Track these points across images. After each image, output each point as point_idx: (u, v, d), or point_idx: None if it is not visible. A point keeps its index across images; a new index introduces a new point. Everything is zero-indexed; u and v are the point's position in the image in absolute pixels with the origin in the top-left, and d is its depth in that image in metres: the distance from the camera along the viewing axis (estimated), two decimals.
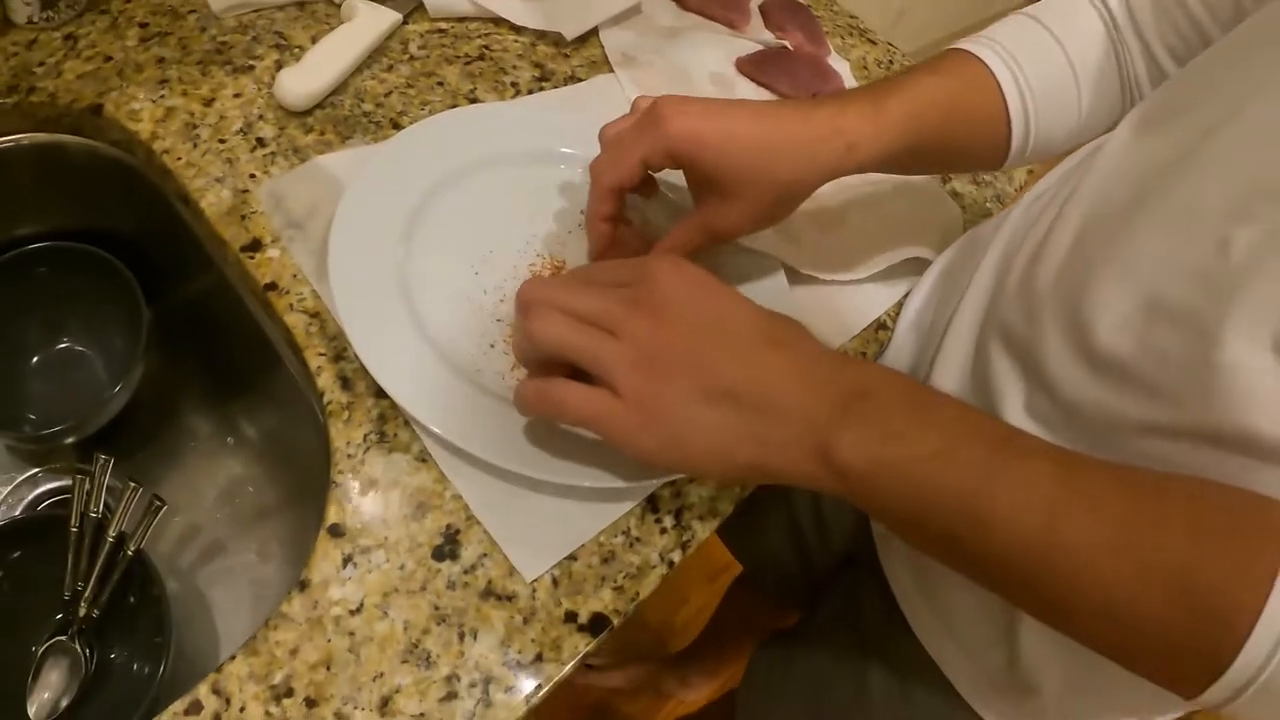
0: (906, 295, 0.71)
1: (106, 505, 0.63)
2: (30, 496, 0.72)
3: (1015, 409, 0.54)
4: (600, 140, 0.57)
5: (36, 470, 0.73)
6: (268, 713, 0.43)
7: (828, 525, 0.77)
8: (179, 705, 0.43)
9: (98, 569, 0.62)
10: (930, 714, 0.65)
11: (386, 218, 0.57)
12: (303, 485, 0.71)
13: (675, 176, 0.57)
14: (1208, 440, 0.43)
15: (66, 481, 0.72)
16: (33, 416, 0.71)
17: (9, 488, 0.72)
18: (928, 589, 0.63)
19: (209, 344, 0.73)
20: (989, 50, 0.60)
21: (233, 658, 0.44)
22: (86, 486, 0.62)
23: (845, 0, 1.00)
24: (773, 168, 0.53)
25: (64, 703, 0.62)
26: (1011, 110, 0.60)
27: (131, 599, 0.64)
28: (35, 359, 0.72)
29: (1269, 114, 0.43)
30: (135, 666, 0.64)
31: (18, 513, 0.71)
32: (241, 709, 0.43)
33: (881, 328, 0.69)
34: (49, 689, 0.63)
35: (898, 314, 0.70)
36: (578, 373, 0.46)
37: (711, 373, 0.44)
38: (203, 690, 0.43)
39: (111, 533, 0.61)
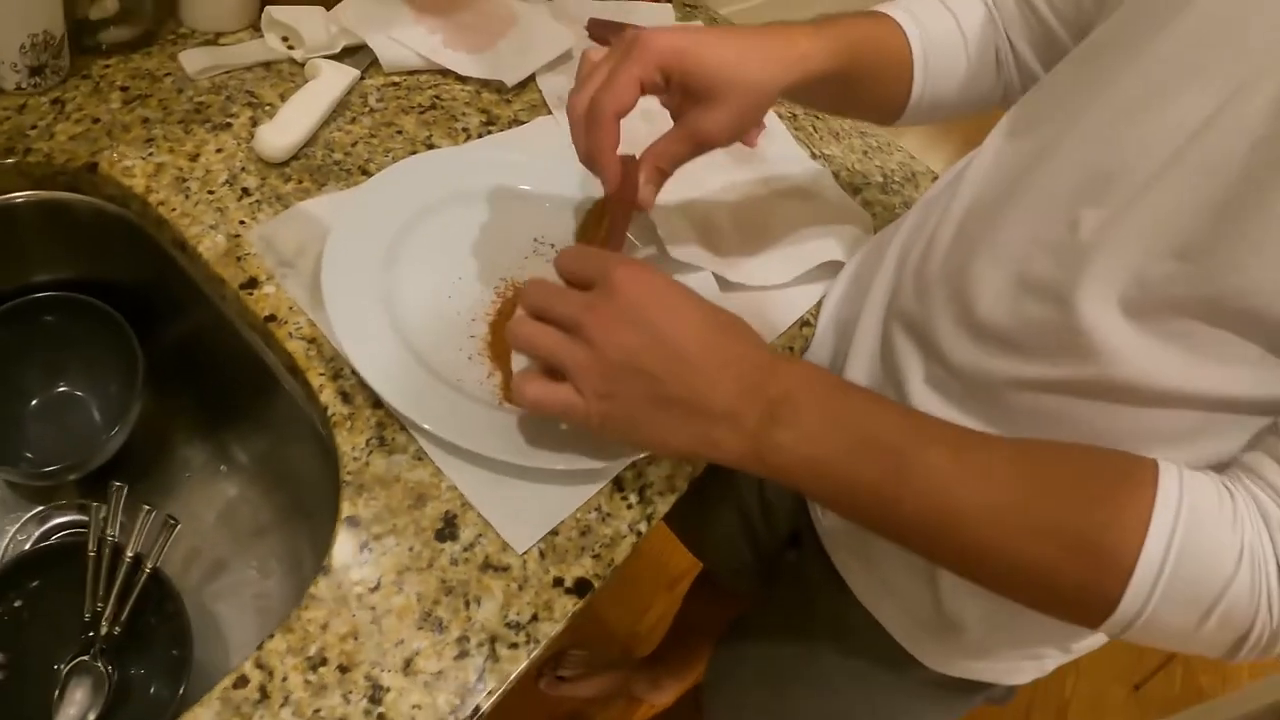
0: (824, 295, 0.81)
1: (120, 527, 0.69)
2: (38, 532, 0.77)
3: (916, 381, 0.63)
4: (582, 73, 0.60)
5: (41, 507, 0.77)
6: (307, 680, 0.50)
7: (772, 508, 0.86)
8: (227, 681, 0.49)
9: (116, 589, 0.67)
10: (874, 664, 0.74)
11: (369, 252, 0.65)
12: (295, 503, 0.77)
13: None
14: (1074, 390, 0.54)
15: (72, 516, 0.77)
16: (30, 456, 0.76)
17: (16, 525, 0.76)
18: (862, 555, 0.72)
19: (199, 379, 0.79)
20: (902, 12, 0.70)
21: (271, 636, 0.51)
22: (103, 513, 0.68)
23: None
24: (746, 69, 0.58)
25: (90, 718, 0.67)
26: (915, 60, 0.69)
27: (151, 616, 0.69)
28: (34, 401, 0.77)
29: (1104, 114, 0.53)
30: (156, 680, 0.69)
31: (28, 544, 0.76)
32: (284, 679, 0.50)
33: (805, 325, 0.79)
34: (74, 706, 0.67)
35: (818, 312, 0.80)
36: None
37: (659, 382, 0.49)
38: (247, 666, 0.50)
39: (129, 553, 0.67)
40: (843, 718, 0.79)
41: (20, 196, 0.68)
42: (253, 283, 0.64)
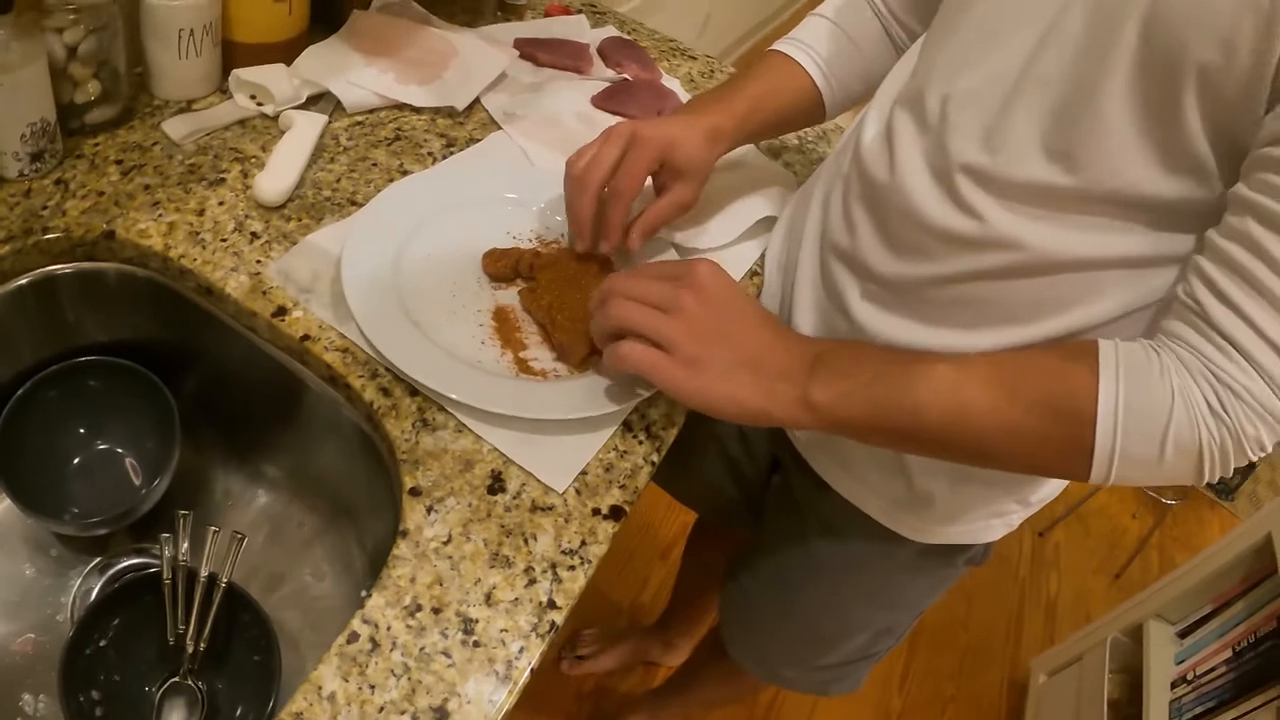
0: (766, 247, 0.92)
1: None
2: (102, 580, 0.83)
3: (854, 298, 0.73)
4: (576, 167, 0.76)
5: (99, 558, 0.84)
6: (408, 626, 0.59)
7: (750, 440, 0.97)
8: (341, 638, 0.58)
9: (196, 608, 0.73)
10: (864, 549, 0.85)
11: (379, 267, 0.74)
12: (336, 508, 0.85)
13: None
14: (987, 276, 0.65)
15: (131, 560, 0.84)
16: (75, 510, 0.81)
17: (80, 578, 0.83)
18: (839, 458, 0.83)
19: (228, 412, 0.86)
20: (792, 47, 0.86)
21: (369, 595, 0.60)
22: (172, 543, 0.75)
23: (659, 17, 1.22)
24: (701, 154, 0.79)
25: None
26: (819, 84, 0.85)
27: (231, 629, 0.75)
28: (76, 460, 0.83)
29: (953, 54, 0.65)
30: (245, 689, 0.74)
31: (95, 592, 0.82)
32: (389, 628, 0.59)
33: (755, 275, 0.90)
34: None
35: (763, 262, 0.91)
36: None
37: (737, 345, 0.64)
38: (355, 623, 0.59)
39: (203, 573, 0.74)
40: (846, 603, 0.91)
41: (58, 269, 0.76)
42: (281, 311, 0.72)
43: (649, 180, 0.80)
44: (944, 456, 0.66)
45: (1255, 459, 0.55)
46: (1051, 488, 0.80)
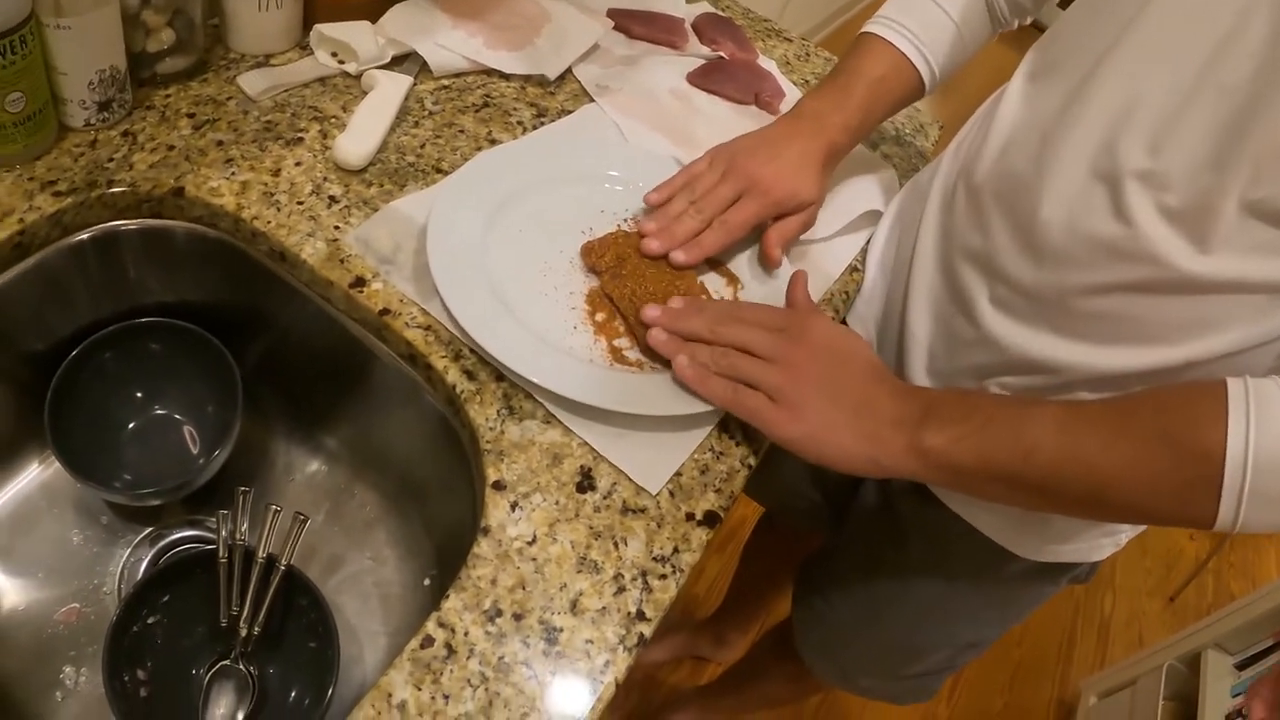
0: (868, 242, 0.87)
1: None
2: (153, 551, 0.79)
3: (983, 303, 0.69)
4: (676, 182, 0.77)
5: (151, 528, 0.80)
6: (487, 632, 0.54)
7: None
8: (414, 642, 0.53)
9: (252, 590, 0.70)
10: (971, 567, 0.81)
11: (466, 241, 0.69)
12: (401, 491, 0.81)
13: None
14: (1132, 289, 0.60)
15: (184, 533, 0.80)
16: (128, 477, 0.78)
17: (129, 548, 0.79)
18: None
19: (292, 385, 0.82)
20: (886, 28, 0.81)
21: (446, 596, 0.55)
22: (230, 520, 0.71)
23: None
24: (813, 189, 0.78)
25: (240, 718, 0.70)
26: (920, 69, 0.80)
27: (286, 613, 0.71)
28: (131, 424, 0.79)
29: (1128, 54, 0.59)
30: (299, 675, 0.71)
31: (144, 564, 0.79)
32: (465, 634, 0.54)
33: (855, 270, 0.84)
34: (221, 708, 0.70)
35: (864, 258, 0.86)
36: None
37: (842, 392, 0.63)
38: (430, 626, 0.54)
39: (261, 554, 0.70)
40: (941, 617, 0.86)
41: (122, 225, 0.72)
42: (360, 281, 0.68)
43: None
44: (1059, 506, 0.62)
45: None
46: None
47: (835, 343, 0.66)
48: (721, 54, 1.00)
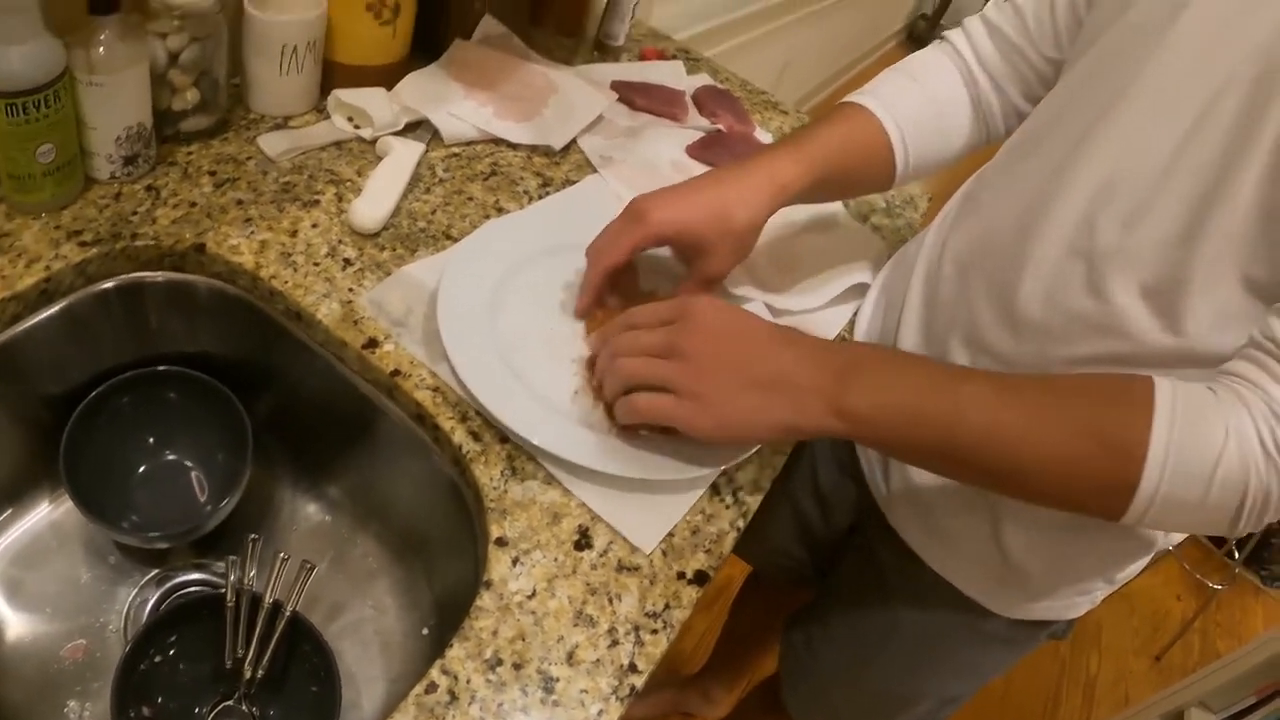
0: (856, 313, 0.91)
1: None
2: (158, 593, 0.82)
3: None
4: (607, 229, 0.75)
5: (157, 570, 0.82)
6: (488, 680, 0.57)
7: (829, 504, 0.95)
8: (419, 688, 0.56)
9: (257, 634, 0.72)
10: (951, 622, 0.83)
11: (475, 307, 0.73)
12: (403, 544, 0.84)
13: None
14: (1106, 362, 0.63)
15: (190, 576, 0.83)
16: (135, 519, 0.80)
17: (135, 589, 0.81)
18: (930, 527, 0.81)
19: (300, 438, 0.85)
20: (870, 99, 0.81)
21: (450, 645, 0.58)
22: (239, 565, 0.74)
23: (739, 63, 1.22)
24: (731, 220, 0.72)
25: None
26: (894, 143, 0.80)
27: (290, 658, 0.74)
28: (142, 468, 0.82)
29: (1107, 133, 0.63)
30: (299, 718, 0.73)
31: (150, 605, 0.81)
32: (468, 681, 0.57)
33: (843, 340, 0.88)
34: None
35: (852, 329, 0.90)
36: None
37: (744, 368, 0.62)
38: (434, 673, 0.57)
39: (267, 599, 0.73)
40: (923, 670, 0.88)
41: (148, 276, 0.75)
42: (373, 343, 0.71)
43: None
44: (978, 479, 0.63)
45: None
46: (1135, 567, 0.78)
47: (727, 321, 0.64)
48: (720, 126, 1.05)
